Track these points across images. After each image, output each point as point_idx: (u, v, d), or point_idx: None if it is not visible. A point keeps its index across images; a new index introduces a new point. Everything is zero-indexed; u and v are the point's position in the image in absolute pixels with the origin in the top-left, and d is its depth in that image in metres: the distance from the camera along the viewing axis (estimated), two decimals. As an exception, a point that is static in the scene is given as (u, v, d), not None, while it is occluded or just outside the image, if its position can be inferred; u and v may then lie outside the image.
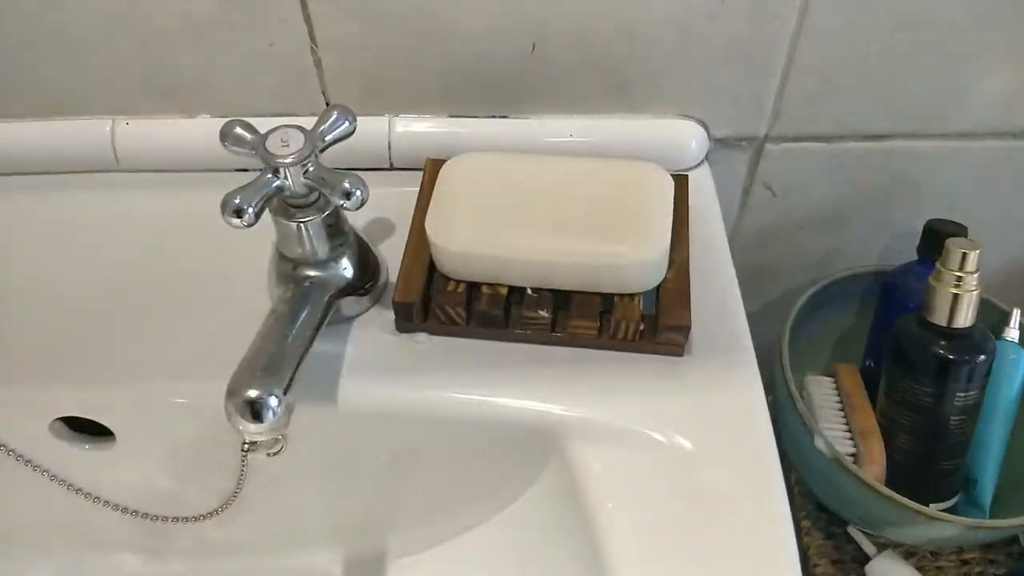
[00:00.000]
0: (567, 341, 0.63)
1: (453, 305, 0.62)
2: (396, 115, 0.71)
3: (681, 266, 0.63)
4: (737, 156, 0.75)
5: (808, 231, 0.83)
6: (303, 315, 0.59)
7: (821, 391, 0.85)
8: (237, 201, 0.56)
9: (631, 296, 0.62)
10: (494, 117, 0.71)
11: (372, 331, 0.63)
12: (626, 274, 0.60)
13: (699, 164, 0.73)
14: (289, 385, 0.54)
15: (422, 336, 0.65)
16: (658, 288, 0.62)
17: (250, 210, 0.56)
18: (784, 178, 0.78)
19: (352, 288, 0.64)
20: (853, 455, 0.79)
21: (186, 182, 0.78)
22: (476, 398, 0.59)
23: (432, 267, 0.64)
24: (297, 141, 0.58)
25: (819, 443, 0.75)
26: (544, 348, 0.61)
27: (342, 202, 0.57)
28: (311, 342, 0.58)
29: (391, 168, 0.72)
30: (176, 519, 0.70)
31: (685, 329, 0.61)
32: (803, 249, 0.85)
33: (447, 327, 0.64)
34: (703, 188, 0.73)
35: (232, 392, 0.53)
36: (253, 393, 0.53)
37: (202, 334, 0.63)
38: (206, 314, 0.64)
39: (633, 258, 0.59)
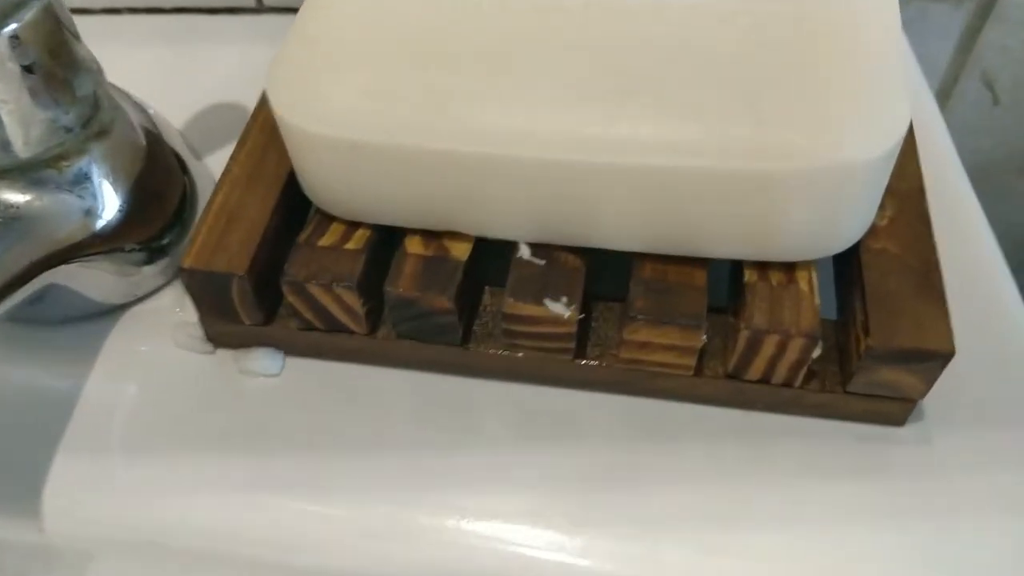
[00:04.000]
0: (619, 381, 0.25)
1: (333, 280, 0.24)
2: None
3: (910, 201, 0.25)
4: (942, 13, 0.38)
5: None
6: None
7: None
8: None
9: (788, 271, 0.24)
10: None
11: (155, 342, 0.29)
12: (793, 204, 0.22)
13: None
14: None
15: (264, 358, 0.27)
16: (853, 253, 0.24)
17: None
18: (1023, 66, 0.40)
19: (110, 239, 0.27)
20: None
21: None
22: (384, 526, 0.26)
23: (293, 193, 0.27)
24: None
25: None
26: (562, 395, 0.27)
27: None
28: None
29: (259, 8, 0.34)
30: None
31: (936, 360, 0.23)
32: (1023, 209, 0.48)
33: (322, 338, 0.26)
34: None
35: None
36: None
37: None
38: None
39: (820, 157, 0.21)
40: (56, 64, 0.25)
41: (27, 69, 0.25)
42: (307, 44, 0.25)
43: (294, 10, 0.36)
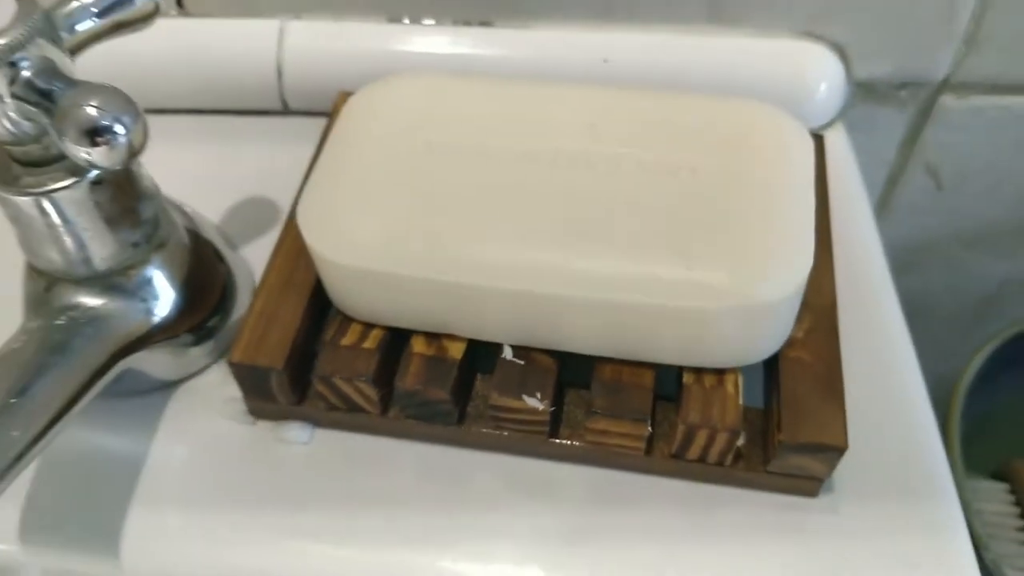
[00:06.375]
0: (585, 455, 0.31)
1: (353, 375, 0.30)
2: (295, 16, 0.40)
3: (824, 315, 0.31)
4: (888, 116, 0.46)
5: (983, 249, 0.53)
6: (29, 394, 0.28)
7: (992, 508, 0.53)
8: None
9: (719, 374, 0.30)
10: (468, 24, 0.39)
11: (205, 413, 0.35)
12: (718, 331, 0.28)
13: (828, 125, 0.41)
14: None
15: (297, 429, 0.33)
16: (775, 358, 0.30)
17: None
18: (961, 158, 0.50)
19: (167, 330, 0.33)
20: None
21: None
22: (397, 561, 0.31)
23: (319, 297, 0.32)
24: (-1, 15, 0.26)
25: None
26: (539, 466, 0.33)
27: (84, 151, 0.25)
28: (22, 456, 0.27)
29: (285, 111, 0.41)
30: None
31: (833, 453, 0.28)
32: (970, 278, 0.55)
33: (345, 416, 0.32)
34: (841, 166, 0.41)
35: None
36: None
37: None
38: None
39: (738, 298, 0.27)
40: (125, 197, 0.31)
41: (104, 204, 0.30)
42: (330, 185, 0.30)
43: (315, 113, 0.42)
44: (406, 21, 0.41)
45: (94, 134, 0.25)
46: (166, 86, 0.42)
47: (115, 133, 0.25)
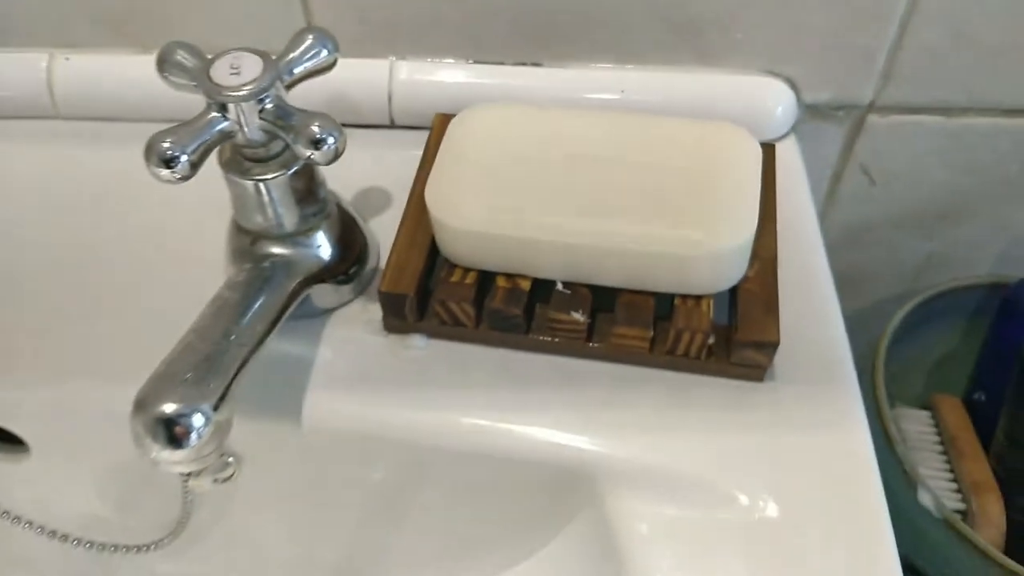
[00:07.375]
0: (609, 354, 0.47)
1: (458, 300, 0.46)
2: (401, 58, 0.57)
3: (767, 263, 0.47)
4: (830, 130, 0.60)
5: (909, 230, 0.68)
6: (256, 306, 0.44)
7: (916, 428, 0.69)
8: (166, 146, 0.41)
9: (697, 299, 0.46)
10: (524, 65, 0.56)
11: (353, 329, 0.51)
12: (695, 269, 0.44)
13: (783, 137, 0.57)
14: (222, 398, 0.40)
15: (417, 339, 0.49)
16: (734, 290, 0.46)
17: (183, 158, 0.41)
18: (886, 161, 0.64)
19: (329, 272, 0.49)
20: (962, 512, 0.63)
21: (139, 135, 0.62)
22: (484, 423, 0.47)
23: (433, 250, 0.49)
24: (253, 69, 0.42)
25: (924, 498, 0.59)
26: (578, 362, 0.49)
27: (309, 153, 0.41)
28: (261, 341, 0.43)
29: (392, 126, 0.58)
30: (114, 548, 0.56)
31: (770, 347, 0.45)
32: (900, 252, 0.69)
33: (450, 329, 0.48)
34: (790, 166, 0.57)
35: (141, 405, 0.39)
36: (170, 408, 0.39)
37: (144, 326, 0.49)
38: (152, 301, 0.53)
39: (707, 247, 0.43)
40: (309, 183, 0.47)
41: (297, 188, 0.47)
42: (450, 170, 0.47)
43: (417, 128, 0.59)
44: (480, 61, 0.58)
45: (317, 143, 0.41)
46: (307, 106, 0.58)
47: (330, 142, 0.41)
